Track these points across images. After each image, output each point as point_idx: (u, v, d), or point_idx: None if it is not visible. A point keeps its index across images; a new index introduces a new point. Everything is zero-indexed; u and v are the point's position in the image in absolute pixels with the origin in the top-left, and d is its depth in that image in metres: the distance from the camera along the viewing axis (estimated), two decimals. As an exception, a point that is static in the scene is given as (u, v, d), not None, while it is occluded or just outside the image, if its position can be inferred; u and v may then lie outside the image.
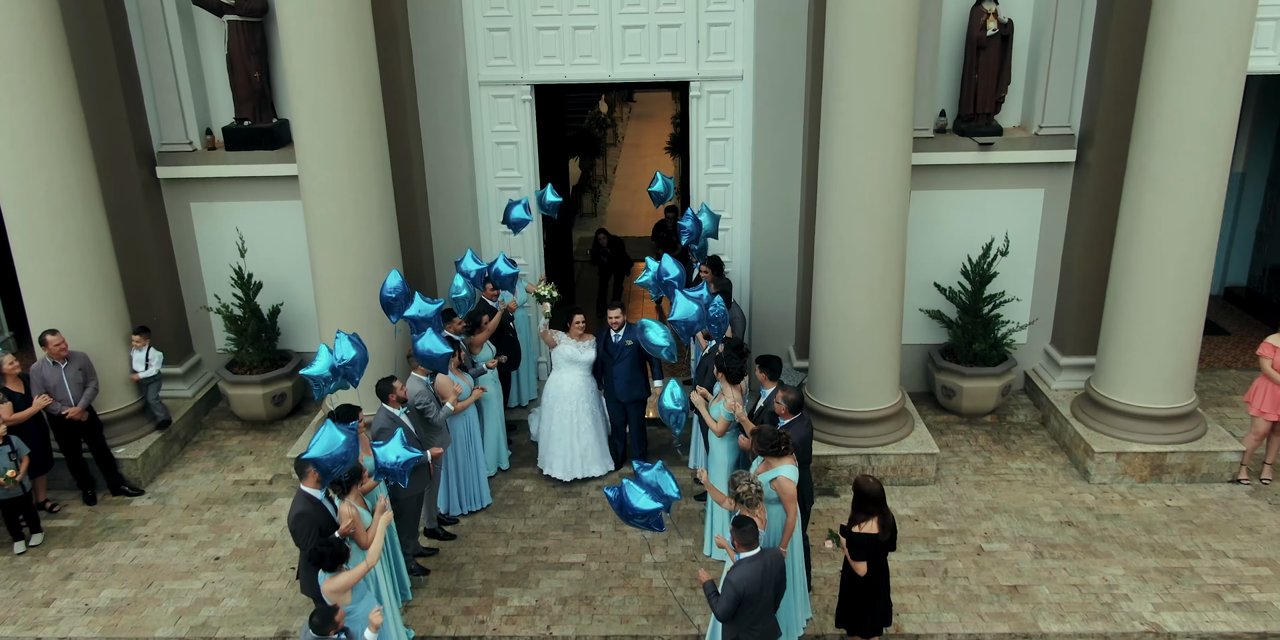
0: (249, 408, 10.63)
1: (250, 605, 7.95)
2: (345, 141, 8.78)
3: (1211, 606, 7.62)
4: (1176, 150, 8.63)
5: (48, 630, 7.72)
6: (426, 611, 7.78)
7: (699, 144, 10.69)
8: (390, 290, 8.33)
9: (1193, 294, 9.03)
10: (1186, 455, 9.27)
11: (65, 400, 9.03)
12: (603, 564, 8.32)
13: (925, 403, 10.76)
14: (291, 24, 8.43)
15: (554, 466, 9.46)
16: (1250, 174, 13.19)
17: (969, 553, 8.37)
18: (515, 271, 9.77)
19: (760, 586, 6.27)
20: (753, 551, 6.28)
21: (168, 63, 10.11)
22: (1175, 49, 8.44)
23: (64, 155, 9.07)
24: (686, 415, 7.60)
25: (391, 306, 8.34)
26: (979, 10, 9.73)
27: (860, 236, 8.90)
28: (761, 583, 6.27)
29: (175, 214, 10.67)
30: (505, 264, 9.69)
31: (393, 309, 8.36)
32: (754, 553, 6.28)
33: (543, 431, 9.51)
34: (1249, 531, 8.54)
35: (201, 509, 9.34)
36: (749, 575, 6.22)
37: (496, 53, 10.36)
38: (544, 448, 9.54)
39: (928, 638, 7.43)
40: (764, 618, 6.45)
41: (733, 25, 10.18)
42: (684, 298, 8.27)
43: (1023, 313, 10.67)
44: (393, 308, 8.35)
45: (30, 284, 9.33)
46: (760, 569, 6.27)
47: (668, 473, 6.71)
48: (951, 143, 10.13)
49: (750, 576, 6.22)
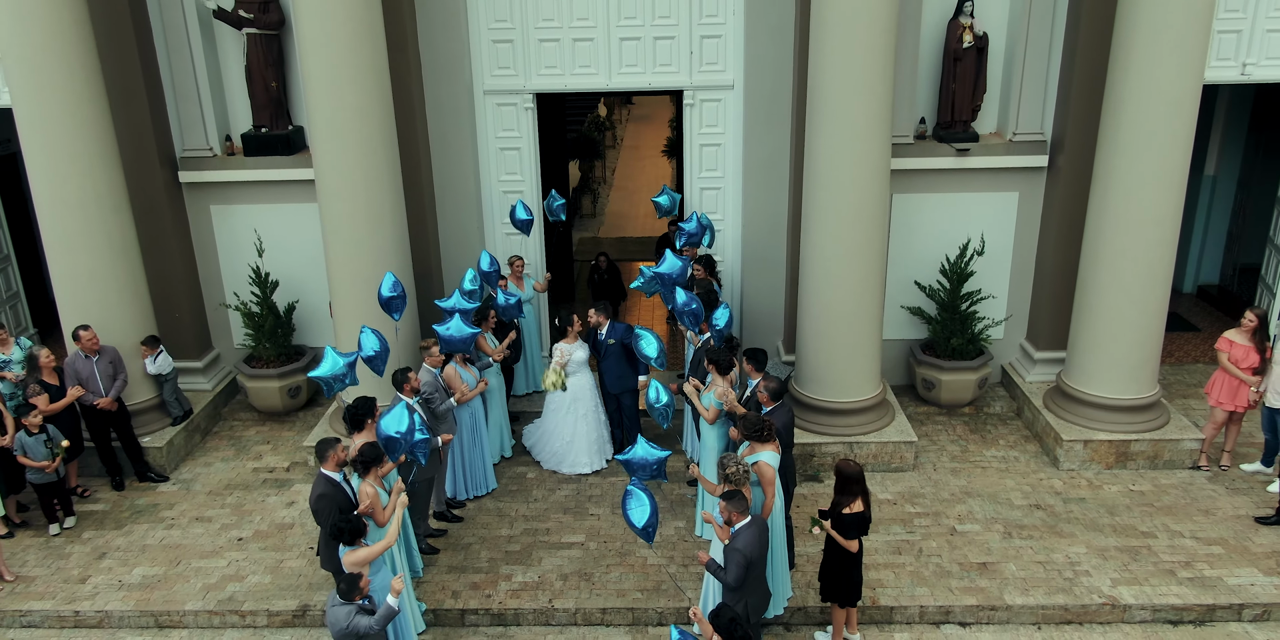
0: (266, 400, 11.22)
1: (272, 581, 8.54)
2: (359, 148, 9.36)
3: (1165, 581, 8.20)
4: (1137, 155, 9.22)
5: (85, 604, 8.31)
6: (437, 586, 8.37)
7: (693, 149, 11.27)
8: (391, 289, 8.85)
9: (1154, 292, 9.60)
10: (1150, 443, 9.85)
11: (96, 391, 9.62)
12: (600, 544, 8.91)
13: (907, 394, 11.34)
14: (310, 39, 9.00)
15: (582, 461, 10.01)
16: (1221, 177, 13.78)
17: (943, 533, 8.95)
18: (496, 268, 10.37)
19: (762, 548, 6.84)
20: (746, 519, 6.84)
21: (190, 73, 10.70)
22: (1135, 61, 9.02)
23: (94, 163, 9.67)
24: (672, 410, 8.13)
25: (391, 305, 8.87)
26: (956, 24, 10.31)
27: (843, 237, 9.48)
28: (761, 545, 6.84)
29: (196, 216, 11.25)
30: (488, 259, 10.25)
31: (392, 307, 8.88)
32: (748, 520, 6.84)
33: (556, 433, 10.03)
34: (1205, 514, 9.12)
35: (223, 494, 9.93)
36: (751, 540, 6.76)
37: (500, 63, 10.93)
38: (567, 444, 10.05)
39: (901, 610, 8.02)
40: (760, 582, 7.02)
41: (724, 37, 10.76)
42: (671, 256, 8.98)
43: (999, 310, 11.25)
44: (392, 306, 8.88)
45: (63, 283, 9.92)
46: (758, 532, 6.83)
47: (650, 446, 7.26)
48: (931, 148, 10.71)
49: (752, 540, 6.76)
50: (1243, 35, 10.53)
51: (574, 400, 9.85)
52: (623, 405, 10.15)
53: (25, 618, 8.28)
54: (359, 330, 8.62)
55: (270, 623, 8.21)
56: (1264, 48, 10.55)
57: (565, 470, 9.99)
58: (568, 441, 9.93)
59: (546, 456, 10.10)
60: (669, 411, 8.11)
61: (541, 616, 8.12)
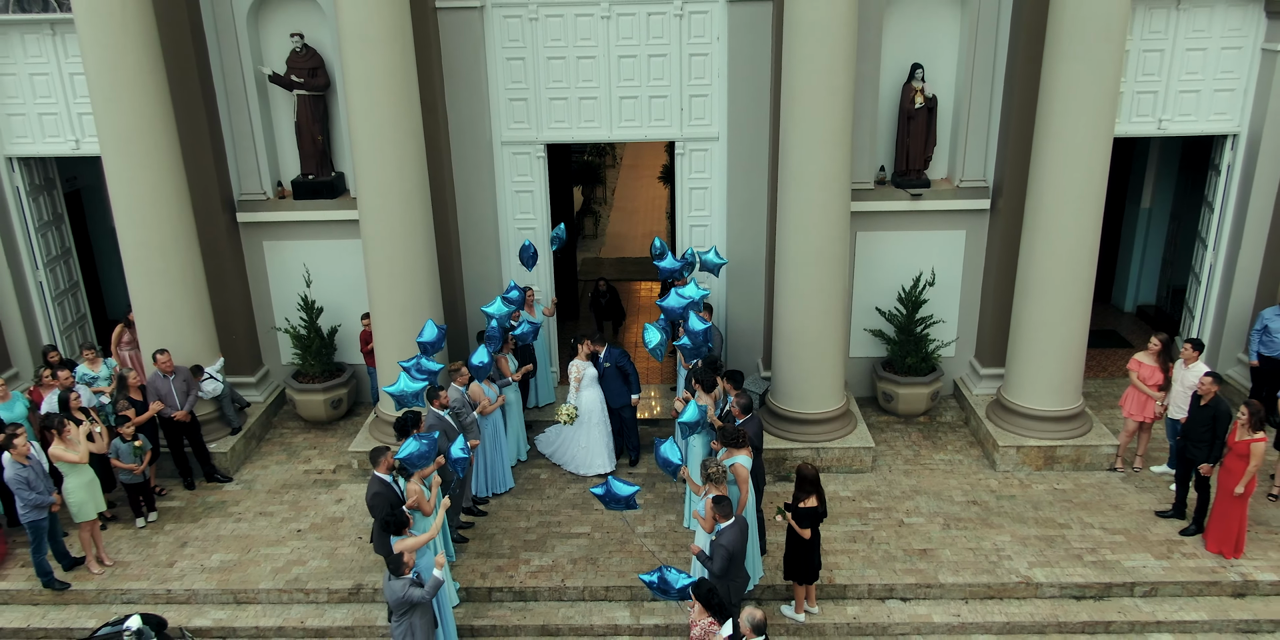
0: (311, 410, 12.89)
1: (330, 565, 10.20)
2: (398, 196, 11.02)
3: (1073, 564, 9.85)
4: (1058, 200, 10.81)
5: (175, 584, 9.97)
6: (468, 569, 10.03)
7: (683, 192, 12.93)
8: (430, 335, 10.42)
9: (1075, 318, 11.24)
10: (1073, 448, 11.51)
11: (173, 405, 11.29)
12: (604, 534, 10.57)
13: (869, 406, 13.01)
14: (358, 108, 10.66)
15: (598, 463, 11.63)
16: (1155, 209, 15.44)
17: (892, 525, 10.61)
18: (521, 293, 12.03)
19: (742, 544, 8.48)
20: (731, 520, 8.48)
21: (247, 128, 12.36)
22: (1055, 119, 10.60)
23: (170, 208, 11.34)
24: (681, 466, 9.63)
25: (425, 350, 10.41)
26: (909, 87, 11.96)
27: (810, 272, 11.12)
28: (742, 541, 8.48)
29: (251, 251, 12.92)
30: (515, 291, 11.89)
31: (425, 352, 10.42)
32: (732, 520, 8.48)
33: (574, 441, 11.64)
34: (1115, 508, 10.78)
35: (281, 492, 11.59)
36: (735, 537, 8.40)
37: (516, 118, 12.57)
38: (583, 451, 11.65)
39: (853, 587, 9.68)
40: (740, 569, 8.66)
41: (710, 97, 12.41)
42: (676, 295, 10.66)
43: (949, 332, 12.92)
44: (426, 351, 10.41)
45: (142, 312, 11.60)
46: (740, 531, 8.47)
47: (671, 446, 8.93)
48: (889, 193, 12.36)
49: (735, 538, 8.40)
50: (1158, 95, 12.21)
51: (588, 413, 11.50)
52: (622, 417, 11.80)
53: (125, 595, 9.95)
54: (395, 347, 10.27)
55: (330, 599, 9.87)
56: (1177, 106, 12.24)
57: (584, 471, 11.64)
58: (584, 447, 11.59)
59: (566, 460, 11.75)
60: (677, 469, 9.58)
61: (555, 593, 9.78)
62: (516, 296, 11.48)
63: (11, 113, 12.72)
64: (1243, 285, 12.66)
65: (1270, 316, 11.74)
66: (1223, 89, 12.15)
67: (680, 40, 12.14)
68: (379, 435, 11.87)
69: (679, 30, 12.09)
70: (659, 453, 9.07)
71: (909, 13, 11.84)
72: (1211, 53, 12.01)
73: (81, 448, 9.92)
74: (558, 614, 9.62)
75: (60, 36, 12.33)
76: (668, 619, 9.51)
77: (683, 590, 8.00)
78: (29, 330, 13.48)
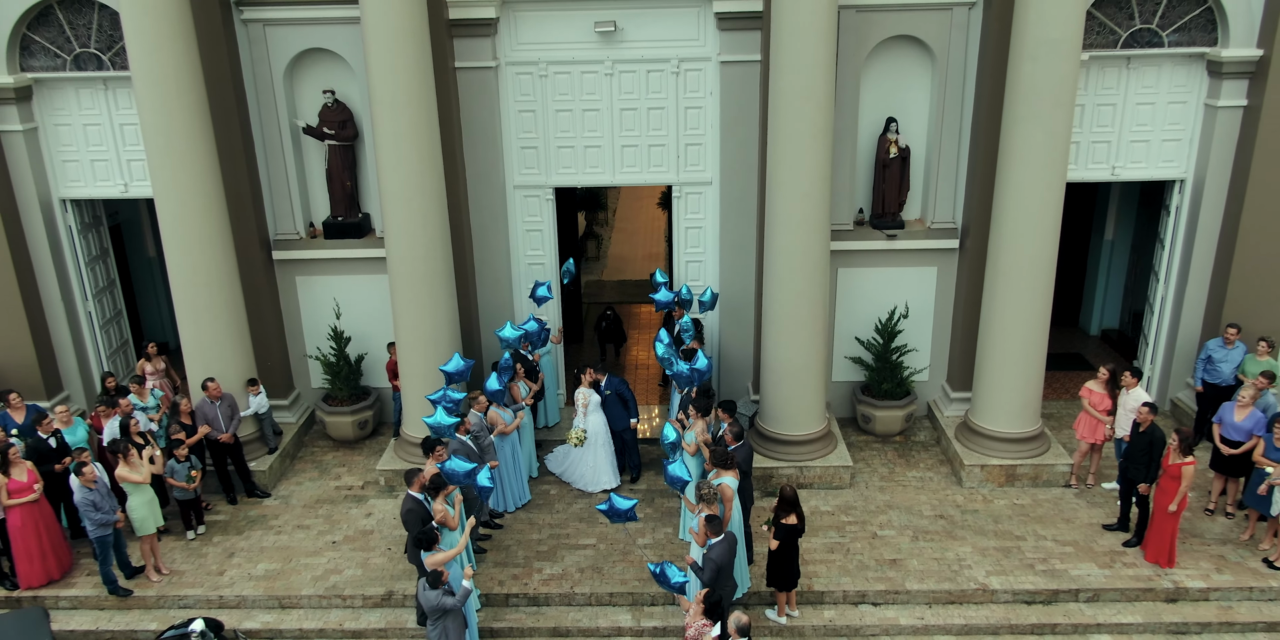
0: (340, 431, 14.12)
1: (363, 574, 11.41)
2: (422, 239, 12.24)
3: (1026, 573, 11.07)
4: (1016, 242, 12.01)
5: (226, 591, 11.19)
6: (487, 577, 11.24)
7: (680, 231, 14.15)
8: (455, 366, 11.78)
9: (1033, 348, 12.45)
10: (1032, 466, 12.73)
11: (219, 429, 12.50)
12: (608, 545, 11.78)
13: (850, 426, 14.23)
14: (386, 164, 11.89)
15: (604, 480, 12.84)
16: (1118, 241, 16.68)
17: (867, 537, 11.83)
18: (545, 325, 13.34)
19: (731, 557, 9.70)
20: (720, 536, 9.69)
21: (283, 174, 13.59)
22: (1014, 171, 11.79)
23: (216, 249, 12.56)
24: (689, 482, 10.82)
25: (449, 379, 11.73)
26: (884, 139, 13.19)
27: (793, 308, 12.32)
28: (730, 555, 9.70)
29: (285, 286, 14.14)
30: (535, 323, 13.17)
31: (449, 381, 11.74)
32: (722, 537, 9.69)
33: (583, 461, 12.85)
34: (1067, 522, 12.00)
35: (315, 507, 12.81)
36: (722, 551, 9.61)
37: (527, 164, 13.79)
38: (590, 470, 12.87)
39: (829, 593, 10.90)
40: (730, 579, 9.88)
41: (704, 145, 13.62)
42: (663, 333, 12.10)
43: (922, 360, 14.14)
44: (450, 380, 11.74)
45: (190, 343, 12.82)
46: (729, 546, 9.69)
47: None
48: (867, 233, 13.58)
49: (724, 552, 9.62)
50: (1112, 145, 13.45)
51: (593, 435, 12.71)
52: (623, 439, 13.01)
53: (182, 601, 11.17)
54: (419, 375, 11.57)
55: (365, 604, 11.09)
56: (1129, 154, 13.49)
57: (591, 488, 12.86)
58: (591, 467, 12.82)
59: (576, 478, 12.96)
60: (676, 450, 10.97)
61: (565, 599, 11.00)
62: (535, 328, 12.76)
63: (66, 159, 13.93)
64: (1190, 315, 13.90)
65: (1213, 347, 12.97)
66: (1170, 139, 13.39)
67: (677, 95, 13.36)
68: (404, 454, 13.09)
69: (676, 86, 13.31)
70: (669, 472, 10.30)
71: (884, 71, 13.05)
72: (1160, 106, 13.26)
73: (144, 469, 11.13)
74: (567, 617, 10.85)
75: (112, 91, 13.55)
76: (665, 622, 10.73)
77: (678, 585, 9.34)
78: (79, 357, 14.70)
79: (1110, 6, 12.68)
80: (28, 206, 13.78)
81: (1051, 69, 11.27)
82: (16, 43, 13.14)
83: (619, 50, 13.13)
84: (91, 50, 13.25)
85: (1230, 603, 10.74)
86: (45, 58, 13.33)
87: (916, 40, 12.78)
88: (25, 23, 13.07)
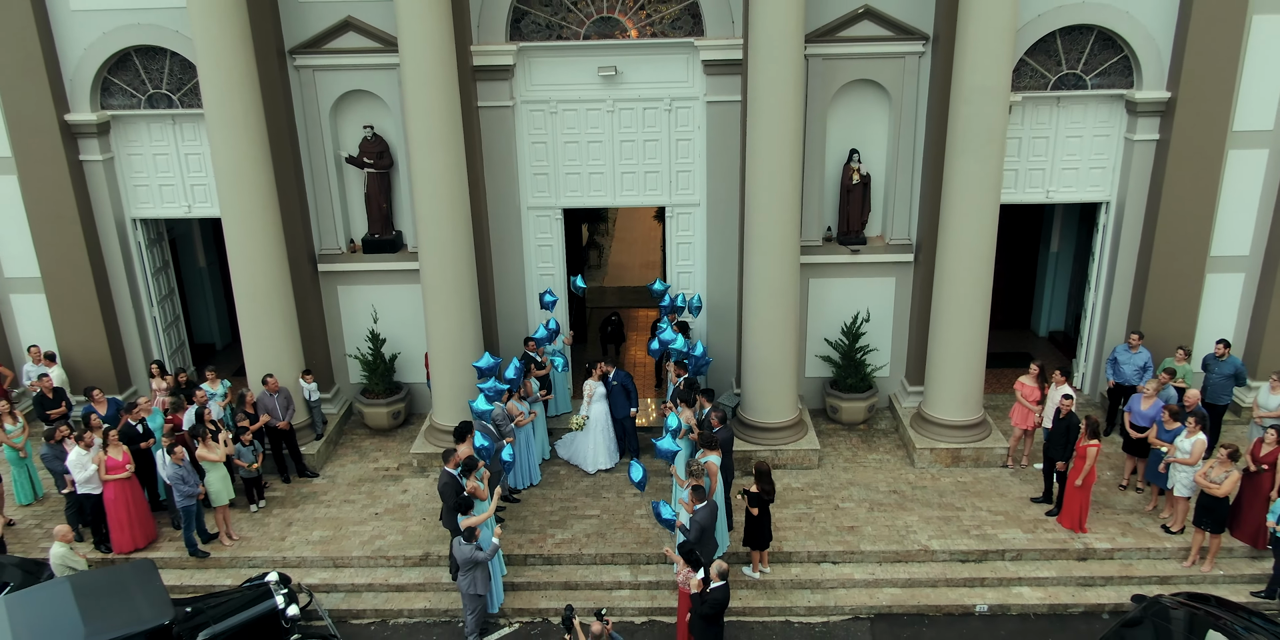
0: (376, 421, 16.19)
1: (403, 539, 13.48)
2: (452, 256, 14.30)
3: (962, 537, 13.14)
4: (956, 255, 14.07)
5: (288, 553, 13.26)
6: (507, 541, 13.30)
7: (672, 246, 16.22)
8: (486, 362, 13.85)
9: (974, 348, 14.51)
10: (974, 450, 14.80)
11: (276, 418, 14.56)
12: (610, 515, 13.85)
13: (820, 416, 16.31)
14: (421, 193, 13.95)
15: (601, 462, 14.92)
16: (1062, 252, 18.76)
17: (830, 508, 13.89)
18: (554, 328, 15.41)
19: (713, 521, 11.76)
20: (704, 502, 11.74)
21: (327, 198, 15.67)
22: (955, 196, 13.83)
23: (272, 262, 14.63)
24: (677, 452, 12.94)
25: (481, 373, 13.82)
26: (848, 168, 15.27)
27: (768, 311, 14.37)
28: (713, 518, 11.76)
29: (328, 294, 16.22)
30: (544, 330, 15.28)
31: (481, 375, 13.82)
32: (705, 502, 11.74)
33: (588, 445, 14.91)
34: (1001, 496, 14.07)
35: (358, 485, 14.87)
36: (706, 515, 11.66)
37: (539, 189, 15.86)
38: (591, 452, 14.95)
39: (796, 554, 12.96)
40: (712, 540, 11.94)
41: (693, 172, 15.69)
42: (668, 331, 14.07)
43: (882, 358, 16.23)
44: (481, 374, 13.82)
45: (250, 344, 14.89)
46: (712, 511, 11.75)
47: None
48: (834, 249, 15.66)
49: (707, 515, 11.67)
50: (1046, 171, 15.53)
51: (595, 421, 14.80)
52: (624, 426, 15.09)
53: (251, 561, 13.24)
54: (448, 371, 13.69)
55: (405, 564, 13.16)
56: (1060, 180, 15.56)
57: (591, 469, 14.94)
58: (592, 449, 14.90)
59: (580, 460, 15.04)
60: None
61: (574, 559, 13.07)
62: (543, 334, 14.86)
63: (137, 184, 16.01)
64: (1116, 320, 15.98)
65: (1119, 351, 15.05)
66: (1096, 167, 15.48)
67: (669, 129, 15.44)
68: (433, 440, 15.16)
69: (668, 121, 15.39)
70: (659, 447, 12.44)
71: (848, 109, 15.13)
72: (1086, 139, 15.34)
73: (220, 450, 13.21)
74: (576, 574, 12.92)
75: (179, 125, 15.63)
76: (658, 577, 12.81)
77: (667, 521, 11.59)
78: (145, 356, 16.77)
79: (1041, 54, 14.77)
80: (105, 226, 15.88)
81: (984, 111, 13.34)
82: (99, 85, 15.24)
83: (619, 91, 15.20)
84: (163, 91, 15.34)
85: (1131, 560, 12.82)
86: (122, 97, 15.43)
87: (875, 83, 14.87)
88: (106, 68, 15.16)
